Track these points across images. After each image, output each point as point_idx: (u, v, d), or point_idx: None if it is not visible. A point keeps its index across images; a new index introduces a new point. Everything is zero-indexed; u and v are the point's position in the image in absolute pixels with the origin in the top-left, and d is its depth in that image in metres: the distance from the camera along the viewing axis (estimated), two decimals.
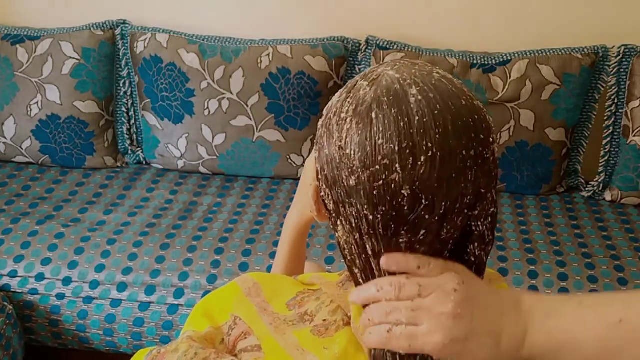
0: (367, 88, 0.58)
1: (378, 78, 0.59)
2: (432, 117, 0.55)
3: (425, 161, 0.54)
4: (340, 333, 0.63)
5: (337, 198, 0.60)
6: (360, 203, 0.57)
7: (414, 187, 0.54)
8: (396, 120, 0.55)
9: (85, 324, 1.61)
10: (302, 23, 2.03)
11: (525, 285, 1.57)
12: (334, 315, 0.64)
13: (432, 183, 0.54)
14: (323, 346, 0.62)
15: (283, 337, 0.64)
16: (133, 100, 2.06)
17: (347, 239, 0.61)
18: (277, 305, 0.68)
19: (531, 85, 1.83)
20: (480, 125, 0.57)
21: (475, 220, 0.59)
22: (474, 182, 0.57)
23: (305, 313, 0.66)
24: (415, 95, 0.56)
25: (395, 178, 0.55)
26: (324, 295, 0.67)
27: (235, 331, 0.67)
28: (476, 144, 0.56)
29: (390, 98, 0.56)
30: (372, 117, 0.56)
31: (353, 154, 0.56)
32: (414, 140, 0.54)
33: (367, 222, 0.57)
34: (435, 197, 0.55)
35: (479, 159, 0.56)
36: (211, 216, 1.80)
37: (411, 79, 0.57)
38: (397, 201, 0.55)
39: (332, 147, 0.58)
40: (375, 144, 0.55)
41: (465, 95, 0.58)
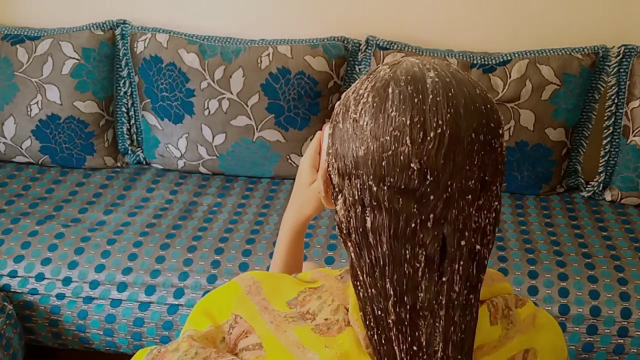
0: (387, 69, 0.61)
1: (399, 63, 0.61)
2: (446, 98, 0.57)
3: (434, 137, 0.56)
4: (343, 334, 0.63)
5: (343, 170, 0.61)
6: (366, 174, 0.58)
7: (422, 161, 0.56)
8: (411, 96, 0.57)
9: (85, 324, 1.61)
10: (302, 23, 2.03)
11: (525, 285, 1.57)
12: (336, 315, 0.64)
13: (439, 160, 0.56)
14: (324, 344, 0.62)
15: (284, 335, 0.64)
16: (133, 100, 2.06)
17: (346, 213, 0.61)
18: (278, 303, 0.67)
19: (531, 85, 1.83)
20: (491, 114, 0.59)
21: (479, 211, 0.59)
22: (480, 167, 0.58)
23: (307, 312, 0.66)
24: (432, 77, 0.58)
25: (405, 150, 0.56)
26: (325, 293, 0.67)
27: (236, 330, 0.67)
28: (486, 130, 0.58)
29: (408, 77, 0.59)
30: (389, 91, 0.58)
31: (365, 125, 0.58)
32: (426, 116, 0.56)
33: (370, 193, 0.58)
34: (440, 175, 0.56)
35: (487, 145, 0.58)
36: (211, 216, 1.80)
37: (430, 65, 0.60)
38: (406, 173, 0.56)
39: (347, 121, 0.61)
40: (388, 116, 0.57)
41: (480, 88, 0.60)
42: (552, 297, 1.55)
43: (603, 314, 1.53)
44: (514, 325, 0.67)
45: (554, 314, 1.54)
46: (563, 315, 1.54)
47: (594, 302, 1.54)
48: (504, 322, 0.67)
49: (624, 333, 1.53)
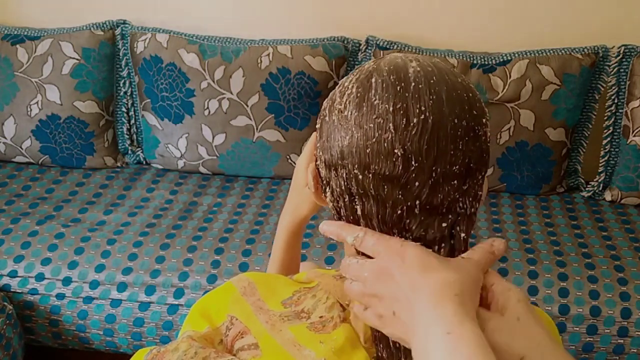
0: (372, 63, 0.62)
1: (383, 57, 0.63)
2: (428, 85, 0.58)
3: (417, 123, 0.56)
4: (338, 330, 0.63)
5: (329, 162, 0.62)
6: (351, 163, 0.59)
7: (406, 147, 0.57)
8: (393, 84, 0.58)
9: (85, 324, 1.61)
10: (303, 23, 2.03)
11: (525, 285, 1.57)
12: (331, 312, 0.65)
13: (422, 145, 0.56)
14: (319, 340, 0.62)
15: (279, 334, 0.64)
16: (133, 100, 2.06)
17: (336, 203, 0.63)
18: (273, 303, 0.68)
19: (531, 85, 1.83)
20: (474, 102, 0.60)
21: (464, 197, 0.60)
22: (464, 152, 0.58)
23: (302, 311, 0.66)
24: (414, 67, 0.60)
25: (388, 137, 0.57)
26: (320, 291, 0.67)
27: (232, 331, 0.67)
28: (469, 116, 0.58)
29: (391, 67, 0.60)
30: (372, 81, 0.59)
31: (350, 114, 0.59)
32: (408, 102, 0.57)
33: (356, 182, 0.59)
34: (425, 160, 0.57)
35: (471, 131, 0.58)
36: (211, 216, 1.80)
37: (413, 57, 0.62)
38: (390, 160, 0.57)
39: (333, 114, 0.62)
40: (371, 105, 0.58)
41: (462, 78, 0.61)
42: (552, 297, 1.55)
43: (603, 314, 1.53)
44: None
45: (554, 314, 1.54)
46: (563, 315, 1.54)
47: (594, 302, 1.54)
48: None
49: (624, 333, 1.53)
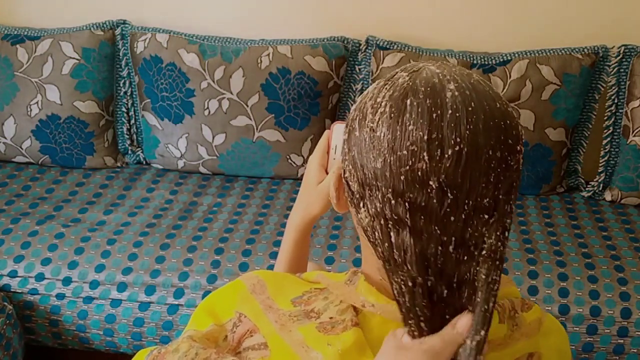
0: (406, 77, 0.59)
1: (418, 70, 0.60)
2: (465, 113, 0.56)
3: (452, 154, 0.55)
4: (348, 333, 0.62)
5: (363, 180, 0.60)
6: (385, 186, 0.57)
7: (441, 179, 0.55)
8: (429, 110, 0.56)
9: (85, 324, 1.61)
10: (302, 23, 2.03)
11: (525, 285, 1.57)
12: (343, 315, 0.64)
13: (457, 178, 0.55)
14: (327, 342, 0.62)
15: (289, 335, 0.63)
16: (133, 100, 2.06)
17: (371, 222, 0.60)
18: (282, 301, 0.67)
19: (531, 85, 1.83)
20: (510, 131, 0.58)
21: (489, 231, 0.57)
22: (495, 184, 0.57)
23: (312, 310, 0.65)
24: (452, 90, 0.57)
25: (422, 167, 0.55)
26: (332, 295, 0.66)
27: (240, 328, 0.66)
28: (503, 147, 0.57)
29: (427, 89, 0.57)
30: (407, 103, 0.57)
31: (382, 136, 0.57)
32: (444, 132, 0.55)
33: (390, 207, 0.57)
34: (459, 193, 0.55)
35: (503, 163, 0.57)
36: (211, 216, 1.80)
37: (451, 75, 0.58)
38: (425, 191, 0.56)
39: (363, 129, 0.60)
40: (405, 129, 0.56)
41: (501, 100, 0.59)
42: (552, 297, 1.55)
43: (603, 314, 1.53)
44: (519, 328, 0.67)
45: (554, 314, 1.54)
46: (563, 315, 1.54)
47: (594, 302, 1.54)
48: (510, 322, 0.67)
49: (624, 333, 1.53)
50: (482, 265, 0.58)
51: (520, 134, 0.59)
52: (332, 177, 0.68)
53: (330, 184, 0.68)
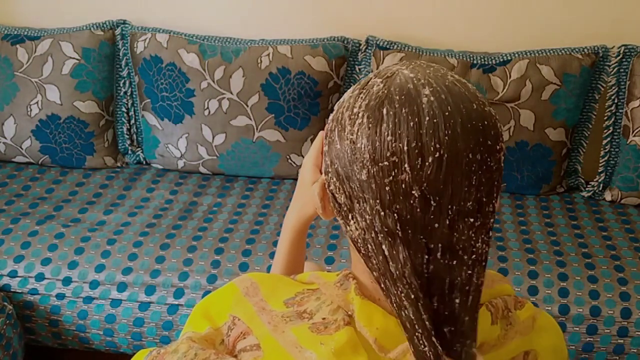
0: (381, 84, 0.59)
1: (392, 76, 0.59)
2: (442, 119, 0.55)
3: (432, 162, 0.55)
4: (341, 332, 0.62)
5: (350, 192, 0.60)
6: (372, 198, 0.57)
7: (423, 187, 0.55)
8: (406, 119, 0.55)
9: (85, 324, 1.61)
10: (302, 23, 2.03)
11: (525, 285, 1.57)
12: (335, 315, 0.64)
13: (439, 184, 0.55)
14: (320, 342, 0.62)
15: (282, 336, 0.64)
16: (133, 100, 2.06)
17: (362, 235, 0.60)
18: (275, 303, 0.67)
19: (531, 85, 1.83)
20: (489, 131, 0.57)
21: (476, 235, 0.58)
22: (477, 187, 0.56)
23: (304, 311, 0.65)
24: (427, 95, 0.56)
25: (405, 178, 0.55)
26: (324, 295, 0.67)
27: (234, 331, 0.67)
28: (483, 149, 0.56)
29: (402, 97, 0.57)
30: (383, 112, 0.56)
31: (363, 147, 0.57)
32: (423, 140, 0.55)
33: (380, 220, 0.57)
34: (441, 199, 0.55)
35: (484, 164, 0.57)
36: (211, 216, 1.80)
37: (425, 79, 0.58)
38: (408, 202, 0.55)
39: (344, 141, 0.59)
40: (384, 140, 0.56)
41: (478, 100, 0.58)
42: (552, 297, 1.55)
43: (603, 314, 1.53)
44: (513, 326, 0.67)
45: (554, 314, 1.54)
46: (563, 315, 1.54)
47: (594, 302, 1.54)
48: (503, 322, 0.67)
49: (624, 333, 1.53)
50: (471, 268, 0.58)
51: (499, 132, 0.59)
52: (317, 186, 0.68)
53: (315, 193, 0.68)
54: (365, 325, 0.62)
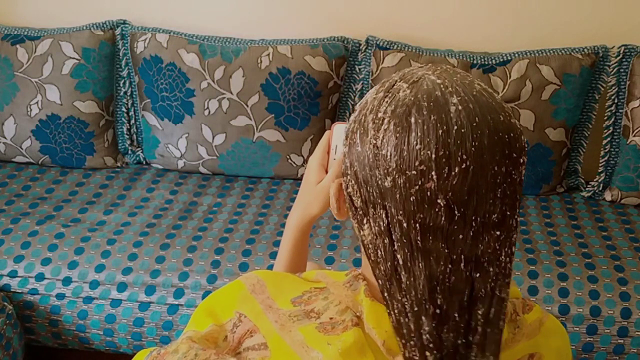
0: (407, 90, 0.58)
1: (418, 81, 0.59)
2: (470, 129, 0.55)
3: (458, 172, 0.55)
4: (348, 333, 0.62)
5: (367, 197, 0.60)
6: (394, 207, 0.57)
7: (448, 197, 0.55)
8: (435, 127, 0.55)
9: (85, 324, 1.61)
10: (302, 23, 2.03)
11: (525, 285, 1.57)
12: (343, 315, 0.63)
13: (464, 195, 0.55)
14: (327, 342, 0.61)
15: (289, 335, 0.63)
16: (133, 100, 2.06)
17: (374, 240, 0.60)
18: (282, 301, 0.67)
19: (531, 85, 1.83)
20: (514, 144, 0.57)
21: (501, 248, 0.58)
22: (502, 200, 0.57)
23: (312, 310, 0.65)
24: (455, 104, 0.56)
25: (431, 186, 0.55)
26: (332, 295, 0.66)
27: (241, 328, 0.66)
28: (508, 162, 0.57)
29: (430, 104, 0.56)
30: (412, 121, 0.56)
31: (389, 155, 0.56)
32: (451, 149, 0.55)
33: (400, 229, 0.57)
34: (466, 210, 0.55)
35: (508, 177, 0.57)
36: (211, 216, 1.80)
37: (453, 87, 0.58)
38: (433, 210, 0.55)
39: (366, 145, 0.59)
40: (412, 149, 0.55)
41: (504, 111, 0.58)
42: (552, 297, 1.55)
43: (603, 314, 1.53)
44: (520, 329, 0.67)
45: (553, 314, 1.54)
46: (563, 315, 1.54)
47: (594, 302, 1.54)
48: (511, 326, 0.67)
49: (624, 333, 1.53)
50: (497, 281, 0.58)
51: (523, 145, 0.59)
52: (333, 187, 0.68)
53: (331, 193, 0.68)
54: (374, 327, 0.62)
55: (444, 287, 0.56)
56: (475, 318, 0.57)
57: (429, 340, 0.57)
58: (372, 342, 0.62)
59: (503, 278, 0.58)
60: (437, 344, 0.57)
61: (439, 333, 0.57)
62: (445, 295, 0.56)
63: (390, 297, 0.59)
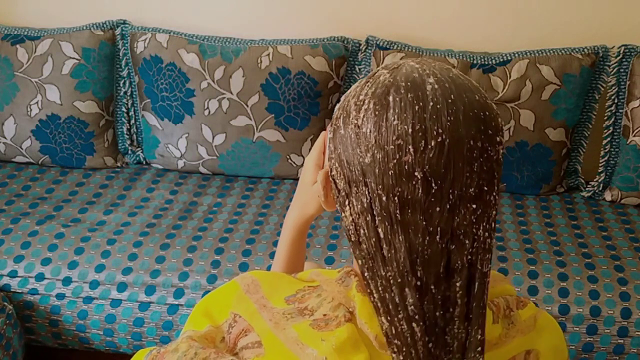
0: (387, 74, 0.61)
1: (399, 67, 0.62)
2: (445, 105, 0.57)
3: (434, 145, 0.56)
4: (342, 328, 0.62)
5: (350, 176, 0.61)
6: (374, 182, 0.58)
7: (425, 169, 0.56)
8: (412, 104, 0.58)
9: (85, 324, 1.61)
10: (302, 23, 2.03)
11: (525, 285, 1.57)
12: (336, 311, 0.64)
13: (440, 168, 0.56)
14: (321, 338, 0.62)
15: (283, 333, 0.64)
16: (133, 100, 2.06)
17: (355, 219, 0.61)
18: (276, 300, 0.67)
19: (531, 85, 1.83)
20: (490, 121, 0.59)
21: (478, 222, 0.59)
22: (479, 174, 0.58)
23: (306, 308, 0.66)
24: (432, 83, 0.59)
25: (408, 160, 0.57)
26: (325, 292, 0.67)
27: (235, 329, 0.67)
28: (484, 137, 0.58)
29: (408, 84, 0.59)
30: (390, 99, 0.58)
31: (369, 132, 0.58)
32: (426, 124, 0.57)
33: (380, 203, 0.59)
34: (443, 183, 0.57)
35: (485, 152, 0.58)
36: (211, 216, 1.80)
37: (430, 70, 0.60)
38: (411, 183, 0.57)
39: (348, 126, 0.61)
40: (390, 124, 0.57)
41: (480, 93, 0.61)
42: (552, 297, 1.55)
43: (603, 314, 1.53)
44: (515, 325, 0.68)
45: (554, 314, 1.54)
46: (563, 315, 1.54)
47: (594, 302, 1.54)
48: (505, 322, 0.67)
49: (624, 333, 1.53)
50: (474, 255, 0.59)
51: (499, 125, 0.61)
52: (320, 175, 0.69)
53: (319, 181, 0.69)
54: (367, 322, 0.63)
55: (423, 259, 0.58)
56: (453, 290, 0.58)
57: (414, 312, 0.58)
58: (364, 336, 0.63)
59: (483, 253, 0.60)
60: (421, 315, 0.58)
61: (422, 304, 0.58)
62: (424, 266, 0.58)
63: (372, 275, 0.61)
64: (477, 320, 0.59)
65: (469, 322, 0.59)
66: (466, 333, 0.59)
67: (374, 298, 0.61)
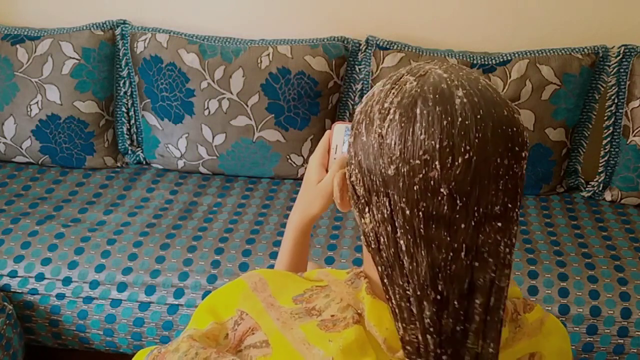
0: (414, 82, 0.59)
1: (425, 75, 0.60)
2: (474, 121, 0.56)
3: (461, 162, 0.55)
4: (349, 330, 0.62)
5: (370, 185, 0.60)
6: (398, 195, 0.58)
7: (451, 186, 0.56)
8: (440, 118, 0.56)
9: (85, 324, 1.61)
10: (302, 23, 2.03)
11: (525, 285, 1.57)
12: (344, 312, 0.64)
13: (466, 185, 0.56)
14: (328, 339, 0.62)
15: (290, 332, 0.64)
16: (133, 100, 2.06)
17: (376, 228, 0.61)
18: (284, 299, 0.67)
19: (531, 85, 1.83)
20: (517, 138, 0.58)
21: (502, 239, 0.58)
22: (504, 192, 0.57)
23: (313, 308, 0.65)
24: (461, 97, 0.57)
25: (434, 175, 0.56)
26: (333, 292, 0.66)
27: (242, 326, 0.66)
28: (510, 154, 0.57)
29: (436, 96, 0.57)
30: (417, 112, 0.57)
31: (394, 144, 0.57)
32: (454, 140, 0.56)
33: (403, 216, 0.58)
34: (468, 200, 0.56)
35: (510, 170, 0.58)
36: (211, 216, 1.80)
37: (458, 81, 0.59)
38: (436, 199, 0.56)
39: (371, 135, 0.60)
40: (417, 139, 0.56)
41: (508, 106, 0.59)
42: (552, 297, 1.55)
43: (603, 314, 1.53)
44: (521, 328, 0.67)
45: (553, 314, 1.53)
46: (563, 315, 1.54)
47: (594, 302, 1.54)
48: (512, 325, 0.67)
49: (624, 333, 1.53)
50: (495, 272, 0.58)
51: (525, 140, 0.60)
52: (337, 177, 0.69)
53: (335, 183, 0.69)
54: (375, 325, 0.62)
55: (445, 275, 0.57)
56: (472, 306, 0.58)
57: (429, 325, 0.58)
58: (372, 339, 0.63)
59: (503, 268, 0.59)
60: (438, 328, 0.58)
61: (440, 318, 0.58)
62: (446, 282, 0.57)
63: (391, 282, 0.60)
64: (492, 335, 0.59)
65: (484, 336, 0.58)
66: (480, 347, 0.58)
67: (392, 304, 0.60)
